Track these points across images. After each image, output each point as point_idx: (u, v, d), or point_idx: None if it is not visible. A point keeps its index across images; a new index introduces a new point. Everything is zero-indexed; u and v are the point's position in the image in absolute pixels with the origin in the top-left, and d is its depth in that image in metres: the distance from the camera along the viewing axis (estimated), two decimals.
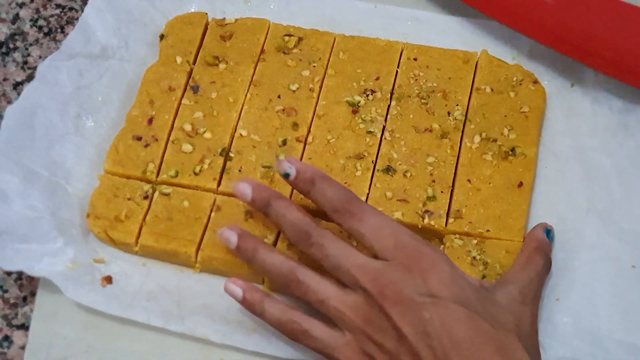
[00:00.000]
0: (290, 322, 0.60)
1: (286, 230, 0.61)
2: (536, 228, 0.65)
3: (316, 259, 0.60)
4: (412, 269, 0.56)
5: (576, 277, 0.65)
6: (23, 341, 0.65)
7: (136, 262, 0.68)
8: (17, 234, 0.66)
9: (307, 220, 0.61)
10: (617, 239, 0.66)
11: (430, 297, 0.55)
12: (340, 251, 0.59)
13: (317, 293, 0.59)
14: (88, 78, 0.74)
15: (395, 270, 0.56)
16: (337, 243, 0.59)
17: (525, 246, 0.64)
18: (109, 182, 0.69)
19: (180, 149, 0.70)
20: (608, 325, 0.63)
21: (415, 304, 0.54)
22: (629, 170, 0.69)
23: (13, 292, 0.68)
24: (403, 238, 0.58)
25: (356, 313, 0.57)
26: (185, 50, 0.75)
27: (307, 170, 0.61)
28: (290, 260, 0.61)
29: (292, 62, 0.74)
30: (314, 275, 0.60)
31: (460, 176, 0.68)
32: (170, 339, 0.64)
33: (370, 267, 0.57)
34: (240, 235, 0.62)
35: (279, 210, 0.61)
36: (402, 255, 0.57)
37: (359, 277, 0.57)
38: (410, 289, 0.55)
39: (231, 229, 0.63)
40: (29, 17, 0.82)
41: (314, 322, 0.59)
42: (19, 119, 0.70)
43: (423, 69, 0.73)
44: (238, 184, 0.63)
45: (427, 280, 0.56)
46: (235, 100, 0.73)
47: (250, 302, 0.61)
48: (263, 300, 0.61)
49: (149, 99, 0.73)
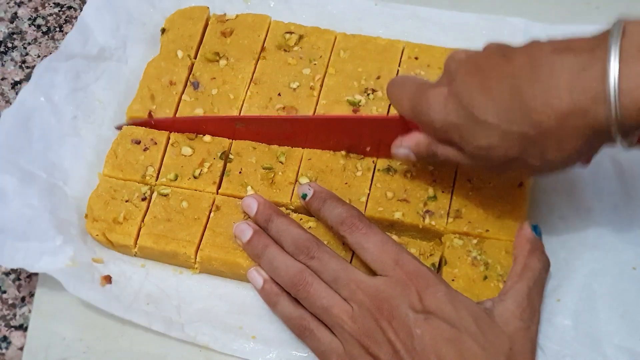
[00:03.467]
0: (299, 319, 0.61)
1: (287, 245, 0.63)
2: (523, 229, 0.64)
3: (316, 271, 0.61)
4: (410, 286, 0.57)
5: (577, 278, 0.65)
6: (21, 342, 0.65)
7: (135, 262, 0.68)
8: (16, 232, 0.65)
9: (308, 236, 0.63)
10: (618, 239, 0.66)
11: (424, 315, 0.56)
12: (340, 266, 0.60)
13: (322, 299, 0.59)
14: (85, 80, 0.74)
15: (393, 286, 0.58)
16: (336, 258, 0.61)
17: (519, 251, 0.63)
18: (107, 184, 0.69)
19: (180, 152, 0.70)
20: (607, 329, 0.62)
21: (409, 320, 0.56)
22: (631, 170, 0.69)
23: (11, 292, 0.68)
24: (403, 256, 0.59)
25: (354, 324, 0.58)
26: (186, 45, 0.75)
27: (322, 191, 0.65)
28: (300, 262, 0.61)
29: (293, 60, 0.74)
30: (321, 281, 0.60)
31: (460, 176, 0.68)
32: (170, 340, 0.64)
33: (369, 283, 0.59)
34: (256, 231, 0.64)
35: (280, 226, 0.64)
36: (401, 272, 0.58)
37: (358, 291, 0.58)
38: (406, 305, 0.57)
39: (249, 224, 0.64)
40: (28, 16, 0.81)
41: (321, 325, 0.60)
42: (16, 121, 0.70)
43: (424, 68, 0.73)
44: (246, 198, 0.66)
45: (423, 298, 0.57)
46: (236, 97, 0.72)
47: (267, 293, 0.63)
48: (280, 294, 0.62)
49: (150, 93, 0.73)
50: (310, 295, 0.60)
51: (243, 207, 0.66)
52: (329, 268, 0.60)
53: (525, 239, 0.63)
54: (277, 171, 0.68)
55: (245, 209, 0.66)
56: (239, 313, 0.65)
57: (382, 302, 0.57)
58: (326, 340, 0.60)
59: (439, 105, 0.57)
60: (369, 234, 0.61)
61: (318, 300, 0.60)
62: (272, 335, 0.63)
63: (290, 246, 0.62)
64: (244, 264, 0.65)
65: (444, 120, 0.56)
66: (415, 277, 0.58)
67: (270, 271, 0.63)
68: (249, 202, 0.66)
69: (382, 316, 0.57)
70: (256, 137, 0.70)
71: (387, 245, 0.60)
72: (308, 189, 0.65)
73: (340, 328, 0.58)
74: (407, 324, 0.56)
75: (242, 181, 0.68)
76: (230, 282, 0.67)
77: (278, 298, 0.62)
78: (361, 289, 0.58)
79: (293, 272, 0.61)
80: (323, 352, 0.60)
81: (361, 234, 0.61)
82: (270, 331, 0.64)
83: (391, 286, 0.58)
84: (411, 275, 0.58)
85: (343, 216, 0.62)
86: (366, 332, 0.57)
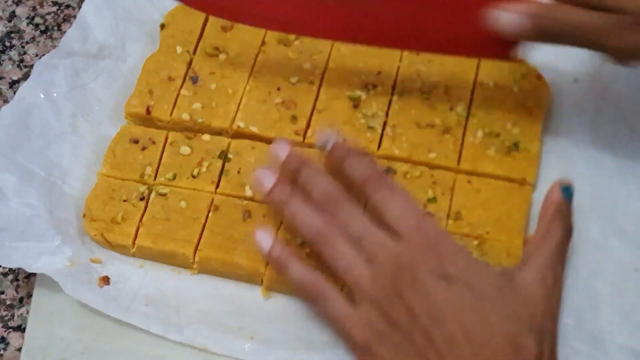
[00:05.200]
0: (312, 283, 0.59)
1: (315, 194, 0.60)
2: (553, 189, 0.61)
3: (340, 225, 0.59)
4: (431, 252, 0.56)
5: (579, 277, 0.64)
6: (19, 343, 0.65)
7: (134, 263, 0.67)
8: (14, 232, 0.65)
9: (339, 187, 0.60)
10: (619, 240, 0.66)
11: (446, 281, 0.55)
12: (365, 225, 0.58)
13: (345, 258, 0.58)
14: (84, 78, 0.74)
15: (415, 251, 0.56)
16: (362, 216, 0.59)
17: (543, 213, 0.60)
18: (105, 184, 0.68)
19: (179, 151, 0.69)
20: (610, 328, 0.62)
21: (430, 286, 0.54)
22: (633, 169, 0.68)
23: (9, 293, 0.68)
24: (426, 221, 0.58)
25: (374, 287, 0.56)
26: (186, 40, 0.75)
27: (344, 143, 0.63)
28: (326, 216, 0.60)
29: (293, 54, 0.74)
30: (345, 239, 0.59)
31: (460, 177, 0.67)
32: (169, 341, 0.63)
33: (391, 246, 0.57)
34: (279, 179, 0.62)
35: (311, 172, 0.61)
36: (422, 237, 0.57)
37: (380, 253, 0.57)
38: (427, 271, 0.55)
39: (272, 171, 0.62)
40: (26, 15, 0.81)
41: (334, 290, 0.59)
42: (15, 119, 0.70)
43: (425, 64, 0.72)
44: (276, 143, 0.63)
45: (445, 265, 0.55)
46: (235, 91, 0.72)
47: (277, 257, 0.61)
48: (290, 257, 0.61)
49: (148, 88, 0.72)
50: (334, 252, 0.58)
51: (271, 153, 0.63)
52: (353, 225, 0.58)
53: (551, 200, 0.60)
54: None
55: (274, 154, 0.63)
56: (238, 314, 0.64)
57: (403, 267, 0.56)
58: (340, 306, 0.58)
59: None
60: (394, 194, 0.59)
61: (341, 259, 0.58)
62: (271, 336, 0.63)
63: (319, 196, 0.60)
64: (242, 264, 0.64)
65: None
66: (437, 243, 0.56)
67: (293, 220, 0.61)
68: (279, 146, 0.63)
69: (403, 281, 0.55)
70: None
71: (411, 208, 0.58)
72: (329, 139, 0.63)
73: (359, 290, 0.57)
74: (428, 290, 0.54)
75: (241, 181, 0.68)
76: (229, 282, 0.66)
77: (288, 262, 0.60)
78: (383, 252, 0.57)
79: (319, 226, 0.59)
80: (337, 318, 0.58)
81: (386, 193, 0.59)
82: (269, 332, 0.63)
83: (413, 251, 0.56)
84: (433, 241, 0.56)
85: (369, 173, 0.60)
86: (386, 296, 0.56)
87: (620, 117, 0.71)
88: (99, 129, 0.73)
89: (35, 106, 0.71)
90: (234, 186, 0.67)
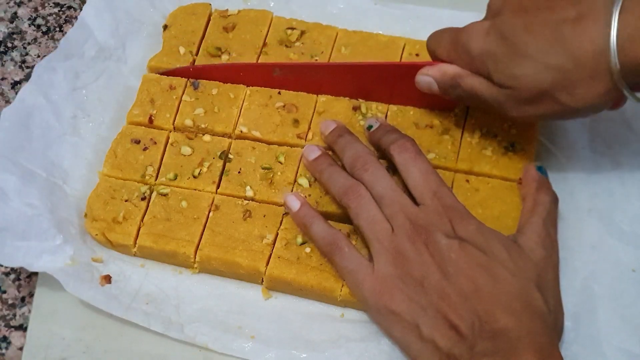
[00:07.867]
0: (332, 237, 0.63)
1: (347, 157, 0.66)
2: (528, 170, 0.66)
3: (367, 183, 0.64)
4: (445, 217, 0.61)
5: (577, 279, 0.65)
6: (21, 342, 0.65)
7: (135, 262, 0.68)
8: (16, 231, 0.66)
9: (369, 151, 0.66)
10: (618, 240, 0.66)
11: (459, 241, 0.59)
12: (390, 185, 0.63)
13: (369, 211, 0.62)
14: (84, 79, 0.74)
15: (431, 215, 0.61)
16: (388, 178, 0.64)
17: (527, 190, 0.65)
18: (106, 184, 0.69)
19: (180, 151, 0.70)
20: (607, 330, 0.62)
21: (444, 246, 0.59)
22: (631, 170, 0.69)
23: (11, 292, 0.68)
24: (443, 189, 0.62)
25: (392, 242, 0.61)
26: (189, 41, 0.75)
27: (387, 124, 0.69)
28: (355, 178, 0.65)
29: (294, 55, 0.74)
30: (371, 197, 0.63)
31: (458, 176, 0.68)
32: (170, 340, 0.64)
33: (410, 207, 0.62)
34: (323, 152, 0.68)
35: (348, 138, 0.67)
36: (438, 203, 0.61)
37: (400, 213, 0.61)
38: (441, 233, 0.59)
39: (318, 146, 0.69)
40: (27, 16, 0.81)
41: (351, 245, 0.63)
42: (15, 120, 0.70)
43: None
44: (325, 121, 0.70)
45: (457, 229, 0.60)
46: (236, 96, 0.72)
47: (304, 214, 0.65)
48: (315, 215, 0.65)
49: (150, 97, 0.72)
50: (359, 205, 0.63)
51: (321, 128, 0.70)
52: (379, 185, 0.63)
53: (531, 178, 0.65)
54: (276, 171, 0.68)
55: (323, 128, 0.69)
56: (238, 313, 0.65)
57: (420, 227, 0.60)
58: (356, 261, 0.62)
59: (480, 35, 0.60)
60: (417, 159, 0.64)
61: (365, 212, 0.62)
62: (271, 335, 0.63)
63: (350, 158, 0.66)
64: (243, 263, 0.65)
65: (482, 48, 0.60)
66: (451, 209, 0.61)
67: (328, 182, 0.66)
68: (328, 122, 0.69)
69: (419, 239, 0.60)
70: (294, 85, 0.72)
71: (430, 175, 0.63)
72: (375, 122, 0.69)
73: (379, 243, 0.61)
74: (441, 249, 0.59)
75: (241, 181, 0.68)
76: (229, 282, 0.67)
77: (313, 219, 0.65)
78: (403, 212, 0.61)
79: (349, 184, 0.64)
80: (351, 271, 0.62)
81: (409, 157, 0.64)
82: (269, 331, 0.64)
83: (429, 214, 0.61)
84: (447, 208, 0.61)
85: (398, 140, 0.65)
86: (403, 252, 0.60)
87: (617, 118, 0.71)
88: (100, 130, 0.73)
89: (36, 107, 0.71)
90: (234, 186, 0.68)
